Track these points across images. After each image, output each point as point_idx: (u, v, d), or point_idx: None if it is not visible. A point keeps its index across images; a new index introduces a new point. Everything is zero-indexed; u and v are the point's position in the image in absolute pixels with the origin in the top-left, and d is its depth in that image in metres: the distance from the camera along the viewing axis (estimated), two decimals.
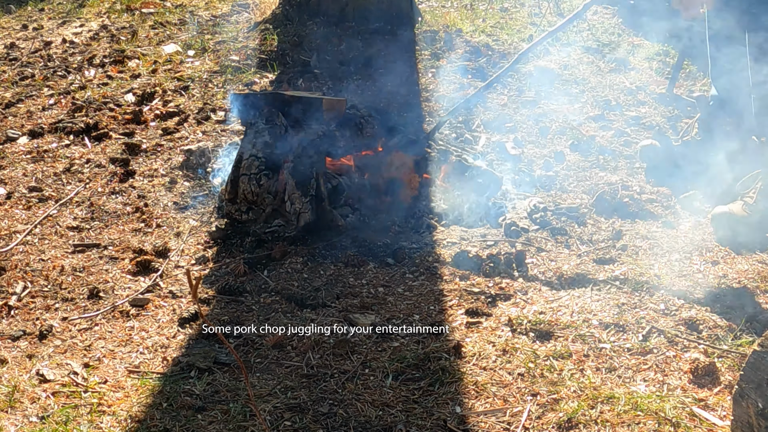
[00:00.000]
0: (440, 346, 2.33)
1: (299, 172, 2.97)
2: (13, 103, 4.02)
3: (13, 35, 4.86)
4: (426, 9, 4.82)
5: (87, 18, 5.01)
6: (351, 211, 3.09)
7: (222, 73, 4.14)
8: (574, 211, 3.12)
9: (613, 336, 2.36)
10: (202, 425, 2.04)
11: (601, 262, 2.80)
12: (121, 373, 2.30)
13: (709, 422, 1.98)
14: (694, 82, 4.16)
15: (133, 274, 2.80)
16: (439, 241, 2.93)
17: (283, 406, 2.11)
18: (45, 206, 3.19)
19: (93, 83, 4.14)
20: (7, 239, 2.98)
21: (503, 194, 3.23)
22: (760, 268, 2.73)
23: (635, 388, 2.12)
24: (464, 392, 2.15)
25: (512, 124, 3.67)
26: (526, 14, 4.93)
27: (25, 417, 2.10)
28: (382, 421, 2.04)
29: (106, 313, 2.59)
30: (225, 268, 2.80)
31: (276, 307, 2.58)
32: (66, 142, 3.63)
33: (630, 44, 4.54)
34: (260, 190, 3.02)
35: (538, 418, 2.03)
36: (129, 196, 3.26)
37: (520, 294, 2.62)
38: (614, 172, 3.39)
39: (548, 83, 3.96)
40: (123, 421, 2.07)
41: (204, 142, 3.56)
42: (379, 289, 2.67)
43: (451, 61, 4.14)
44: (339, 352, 2.33)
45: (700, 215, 3.13)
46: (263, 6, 4.83)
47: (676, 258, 2.81)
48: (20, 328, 2.51)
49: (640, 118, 3.79)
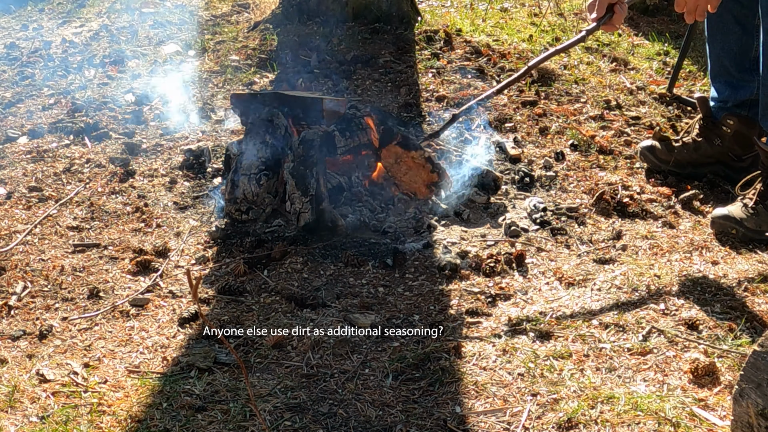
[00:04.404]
0: (440, 346, 2.33)
1: (299, 172, 2.97)
2: (13, 103, 4.02)
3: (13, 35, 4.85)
4: (426, 9, 4.83)
5: (87, 18, 5.01)
6: (351, 211, 3.09)
7: (222, 73, 4.14)
8: (574, 211, 3.12)
9: (613, 336, 2.36)
10: (202, 425, 2.04)
11: (601, 262, 2.80)
12: (121, 373, 2.30)
13: (709, 422, 1.98)
14: (694, 82, 4.16)
15: (133, 274, 2.80)
16: (439, 241, 2.93)
17: (283, 406, 2.11)
18: (45, 206, 3.19)
19: (93, 83, 4.14)
20: (7, 239, 2.98)
21: (503, 194, 3.24)
22: (760, 268, 2.73)
23: (635, 388, 2.12)
24: (464, 392, 2.15)
25: (512, 124, 3.67)
26: (526, 14, 4.94)
27: (25, 417, 2.10)
28: (382, 421, 2.05)
29: (106, 313, 2.59)
30: (225, 268, 2.80)
31: (276, 307, 2.58)
32: (66, 142, 3.63)
33: (630, 44, 4.54)
34: (260, 190, 3.02)
35: (538, 418, 2.03)
36: (129, 196, 3.26)
37: (520, 294, 2.62)
38: (614, 172, 3.40)
39: (548, 83, 3.96)
40: (123, 421, 2.07)
41: (204, 142, 3.56)
42: (379, 289, 2.67)
43: (451, 61, 4.14)
44: (339, 352, 2.33)
45: (700, 215, 3.13)
46: (263, 6, 4.83)
47: (676, 258, 2.81)
48: (20, 328, 2.51)
49: (640, 118, 3.79)
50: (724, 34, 3.22)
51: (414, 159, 3.15)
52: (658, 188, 3.29)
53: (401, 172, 3.15)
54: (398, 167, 3.14)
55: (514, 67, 4.07)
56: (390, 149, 3.16)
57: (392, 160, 3.16)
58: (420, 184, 3.16)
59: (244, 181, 3.03)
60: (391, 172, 3.13)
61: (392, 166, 3.15)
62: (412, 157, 3.16)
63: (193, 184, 3.36)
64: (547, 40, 4.45)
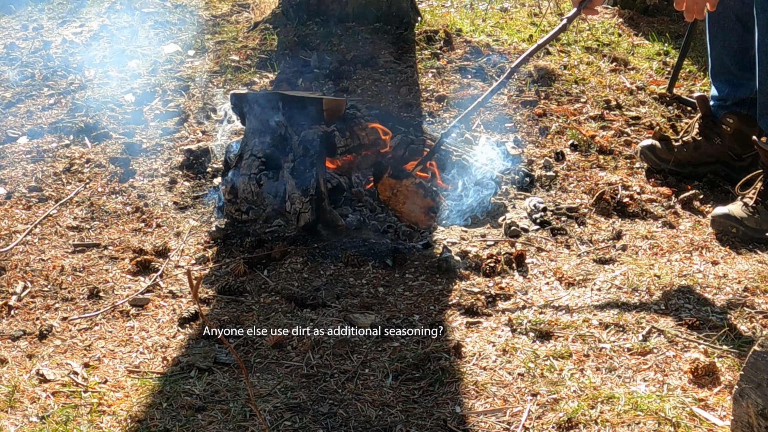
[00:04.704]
0: (440, 346, 2.33)
1: (299, 172, 2.97)
2: (13, 103, 4.02)
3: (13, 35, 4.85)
4: (426, 9, 4.82)
5: (87, 18, 5.00)
6: (351, 211, 3.09)
7: (222, 73, 4.14)
8: (574, 211, 3.12)
9: (613, 336, 2.36)
10: (202, 425, 2.04)
11: (601, 262, 2.80)
12: (121, 373, 2.30)
13: (709, 422, 1.98)
14: (694, 82, 4.16)
15: (133, 274, 2.80)
16: (439, 241, 2.93)
17: (283, 406, 2.11)
18: (45, 206, 3.19)
19: (93, 83, 4.14)
20: (7, 239, 2.98)
21: (503, 194, 3.24)
22: (760, 268, 2.73)
23: (635, 388, 2.12)
24: (464, 392, 2.15)
25: (512, 124, 3.67)
26: (526, 14, 4.93)
27: (25, 417, 2.10)
28: (382, 421, 2.05)
29: (106, 313, 2.59)
30: (225, 268, 2.80)
31: (276, 307, 2.58)
32: (66, 142, 3.63)
33: (630, 44, 4.54)
34: (260, 190, 3.02)
35: (538, 418, 2.03)
36: (129, 196, 3.26)
37: (520, 294, 2.62)
38: (614, 172, 3.39)
39: (548, 83, 3.96)
40: (123, 421, 2.07)
41: (204, 142, 3.56)
42: (379, 289, 2.67)
43: (451, 61, 4.14)
44: (339, 352, 2.33)
45: (700, 215, 3.13)
46: (263, 6, 4.83)
47: (676, 258, 2.81)
48: (20, 328, 2.51)
49: (640, 118, 3.79)
50: (725, 33, 3.23)
51: (407, 188, 3.11)
52: (658, 188, 3.29)
53: (400, 203, 3.12)
54: (396, 199, 3.12)
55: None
56: (384, 183, 3.11)
57: (389, 193, 3.12)
58: (419, 212, 3.12)
59: (244, 181, 3.03)
60: (390, 206, 3.10)
61: (390, 199, 3.12)
62: (405, 186, 3.11)
63: (193, 184, 3.36)
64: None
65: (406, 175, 3.08)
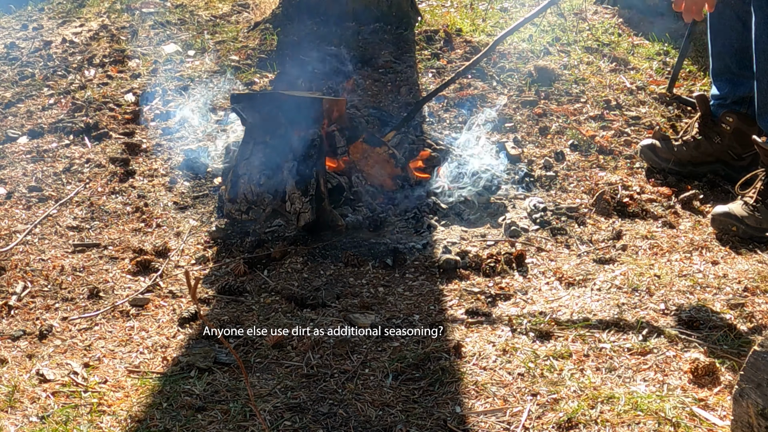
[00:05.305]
0: (440, 346, 2.33)
1: (299, 172, 2.97)
2: (13, 103, 4.02)
3: (13, 35, 4.85)
4: (426, 9, 4.82)
5: (87, 18, 5.00)
6: (351, 210, 3.09)
7: (222, 73, 4.14)
8: (574, 211, 3.12)
9: (613, 336, 2.36)
10: (202, 425, 2.04)
11: (601, 262, 2.80)
12: (121, 373, 2.30)
13: (709, 422, 1.98)
14: (694, 82, 4.15)
15: (133, 274, 2.80)
16: (440, 241, 2.93)
17: (283, 406, 2.11)
18: (45, 206, 3.19)
19: (93, 83, 4.14)
20: (7, 239, 2.98)
21: (503, 194, 3.23)
22: (760, 268, 2.73)
23: (635, 388, 2.12)
24: (464, 392, 2.15)
25: (512, 124, 3.67)
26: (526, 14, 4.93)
27: (25, 417, 2.10)
28: (382, 421, 2.05)
29: (106, 313, 2.59)
30: (225, 268, 2.80)
31: (276, 307, 2.58)
32: (66, 142, 3.63)
33: (630, 44, 4.53)
34: (260, 190, 3.02)
35: (538, 418, 2.03)
36: (129, 196, 3.26)
37: (520, 294, 2.62)
38: (614, 172, 3.39)
39: (548, 83, 3.96)
40: (123, 421, 2.07)
41: (204, 142, 3.57)
42: (379, 289, 2.67)
43: (451, 61, 4.14)
44: (339, 352, 2.33)
45: (700, 215, 3.13)
46: (263, 6, 4.83)
47: (676, 258, 2.81)
48: (20, 328, 2.51)
49: (640, 118, 3.78)
50: (726, 31, 3.23)
51: (379, 154, 3.20)
52: (658, 188, 3.29)
53: (368, 166, 3.20)
54: (366, 162, 3.20)
55: (514, 67, 4.06)
56: (357, 146, 3.20)
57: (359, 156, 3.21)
58: (386, 177, 3.20)
59: (244, 181, 3.03)
60: (359, 167, 3.18)
61: (360, 161, 3.20)
62: (377, 153, 3.20)
63: (193, 184, 3.36)
64: (547, 40, 4.45)
65: (379, 144, 3.16)
